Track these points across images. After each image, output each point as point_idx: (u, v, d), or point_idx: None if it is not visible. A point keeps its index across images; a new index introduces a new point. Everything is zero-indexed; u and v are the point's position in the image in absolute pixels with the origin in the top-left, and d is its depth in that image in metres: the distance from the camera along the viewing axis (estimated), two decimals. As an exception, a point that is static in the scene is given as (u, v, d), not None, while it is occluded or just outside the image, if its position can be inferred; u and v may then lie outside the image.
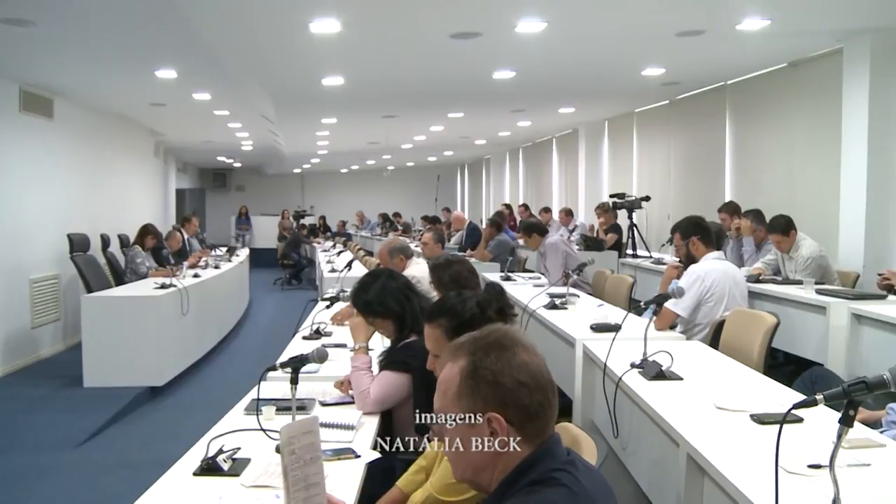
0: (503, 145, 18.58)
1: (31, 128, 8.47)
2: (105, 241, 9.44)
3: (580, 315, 5.23)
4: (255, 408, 2.88)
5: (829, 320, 5.23)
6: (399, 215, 20.10)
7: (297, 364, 2.73)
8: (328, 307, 5.55)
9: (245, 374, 3.96)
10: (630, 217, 10.07)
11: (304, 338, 4.73)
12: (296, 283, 16.58)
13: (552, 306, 5.58)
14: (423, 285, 4.57)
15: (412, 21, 6.22)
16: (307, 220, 21.69)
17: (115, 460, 5.22)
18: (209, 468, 2.41)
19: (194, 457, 2.51)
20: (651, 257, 9.36)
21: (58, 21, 5.85)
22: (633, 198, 10.27)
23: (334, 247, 15.33)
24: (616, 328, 4.12)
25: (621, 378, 3.41)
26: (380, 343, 3.76)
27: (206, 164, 23.47)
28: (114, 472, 5.00)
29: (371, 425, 2.98)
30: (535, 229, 7.93)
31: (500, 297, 2.87)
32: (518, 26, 6.24)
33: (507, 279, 7.67)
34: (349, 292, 4.39)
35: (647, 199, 10.17)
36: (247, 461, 2.50)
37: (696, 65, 8.29)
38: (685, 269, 5.12)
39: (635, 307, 4.72)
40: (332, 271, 8.98)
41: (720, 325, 4.62)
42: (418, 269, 5.70)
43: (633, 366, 3.51)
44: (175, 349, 7.33)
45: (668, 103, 10.89)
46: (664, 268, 6.65)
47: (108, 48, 6.90)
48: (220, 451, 2.46)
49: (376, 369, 3.31)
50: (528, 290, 6.48)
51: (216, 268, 9.73)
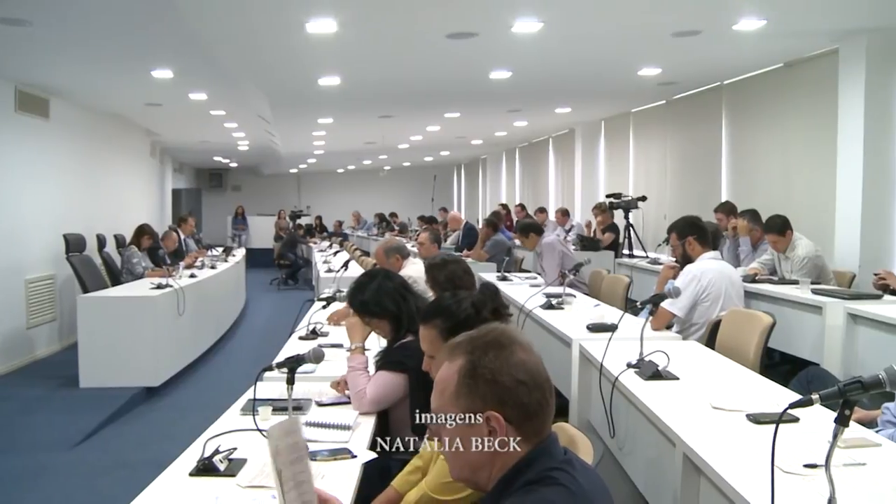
0: (500, 145, 18.58)
1: (27, 128, 8.45)
2: (101, 242, 9.43)
3: (577, 315, 5.23)
4: (252, 408, 2.87)
5: (825, 320, 5.23)
6: (395, 215, 20.10)
7: (293, 364, 2.73)
8: (324, 307, 5.55)
9: (241, 374, 3.96)
10: (626, 217, 10.09)
11: (301, 338, 4.73)
12: (292, 284, 16.57)
13: (549, 306, 5.59)
14: (420, 285, 4.56)
15: (408, 21, 6.22)
16: (303, 221, 21.69)
17: (112, 461, 5.22)
18: (205, 468, 2.41)
19: (190, 457, 2.51)
20: (647, 257, 9.37)
21: (54, 21, 5.84)
22: (630, 198, 10.29)
23: (331, 247, 15.33)
24: (612, 328, 4.12)
25: (618, 378, 3.42)
26: (376, 343, 3.75)
27: (202, 164, 23.45)
28: (110, 472, 4.99)
29: (367, 425, 2.98)
30: (532, 229, 7.93)
31: (495, 297, 2.87)
32: (514, 26, 6.24)
33: (504, 279, 7.68)
34: (346, 292, 4.39)
35: (643, 199, 10.18)
36: (243, 461, 2.50)
37: (693, 65, 8.30)
38: (681, 269, 5.13)
39: (632, 307, 4.72)
40: (329, 271, 8.99)
41: (716, 325, 4.62)
42: (415, 269, 5.70)
43: (630, 366, 3.51)
44: (171, 349, 7.32)
45: (664, 103, 10.90)
46: (660, 268, 6.66)
47: (104, 48, 6.89)
48: (216, 452, 2.46)
49: (373, 369, 3.31)
50: (524, 290, 6.49)
51: (212, 268, 9.72)
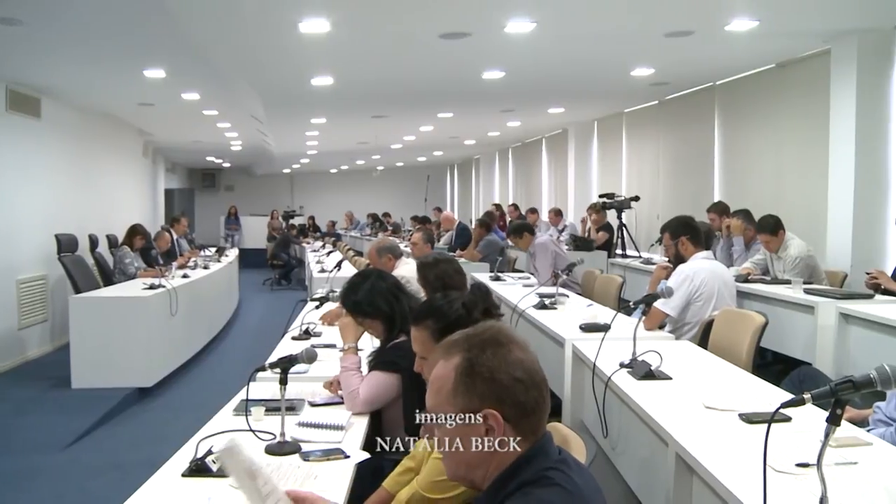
0: (493, 145, 18.59)
1: (18, 127, 8.42)
2: (93, 242, 9.40)
3: (569, 315, 5.23)
4: (245, 408, 2.87)
5: (817, 320, 5.25)
6: (389, 215, 20.09)
7: (286, 364, 2.72)
8: (317, 307, 5.54)
9: (234, 374, 3.95)
10: (619, 217, 10.10)
11: (294, 338, 4.72)
12: (285, 284, 16.55)
13: (542, 306, 5.58)
14: (413, 285, 4.56)
15: (401, 21, 6.22)
16: (296, 221, 21.66)
17: (104, 462, 5.19)
18: (198, 469, 2.40)
19: (183, 458, 2.50)
20: (640, 257, 9.39)
21: (45, 20, 5.82)
22: (623, 198, 10.30)
23: (324, 247, 15.30)
24: (605, 328, 4.12)
25: (610, 378, 3.42)
26: (369, 343, 3.75)
27: (195, 164, 23.40)
28: (102, 473, 4.97)
29: (360, 426, 2.97)
30: (524, 229, 7.95)
31: (486, 297, 2.87)
32: (507, 26, 6.24)
33: (497, 279, 7.68)
34: (338, 293, 4.38)
35: (636, 199, 10.20)
36: (236, 462, 2.49)
37: (685, 65, 8.32)
38: (674, 270, 5.14)
39: (624, 307, 4.73)
40: (322, 271, 8.97)
41: (709, 325, 4.63)
42: (407, 269, 5.68)
43: (623, 365, 3.52)
44: (164, 350, 7.31)
45: (657, 104, 10.92)
46: (653, 268, 6.67)
47: (97, 47, 6.87)
48: (208, 452, 2.45)
49: (366, 370, 3.31)
50: (517, 290, 6.49)
51: (205, 268, 9.71)
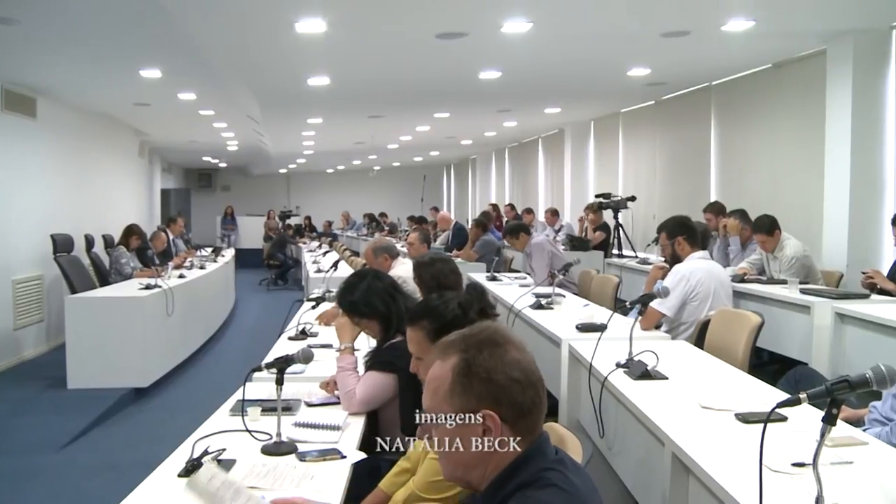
0: (489, 145, 18.59)
1: (14, 127, 8.40)
2: (89, 242, 9.39)
3: (566, 315, 5.24)
4: (241, 409, 2.86)
5: (814, 319, 5.26)
6: (385, 215, 20.09)
7: (282, 365, 2.72)
8: (314, 307, 5.53)
9: (230, 374, 3.95)
10: (616, 217, 10.11)
11: (290, 338, 4.72)
12: (282, 284, 16.53)
13: (538, 306, 5.59)
14: (409, 285, 4.55)
15: (398, 21, 6.21)
16: (293, 221, 21.64)
17: (100, 462, 5.19)
18: (194, 469, 2.39)
19: (179, 458, 2.50)
20: (636, 257, 9.40)
21: (41, 19, 5.81)
22: (619, 198, 10.32)
23: (320, 247, 15.30)
24: (602, 328, 4.13)
25: (607, 378, 3.42)
26: (366, 343, 3.75)
27: (191, 164, 23.37)
28: (98, 474, 4.97)
29: (357, 426, 2.97)
30: (521, 230, 7.96)
31: (482, 297, 2.87)
32: (504, 26, 6.24)
33: (493, 279, 7.68)
34: (335, 293, 4.38)
35: (632, 199, 10.21)
36: (232, 462, 2.49)
37: (682, 65, 8.33)
38: (670, 270, 5.15)
39: (621, 307, 4.73)
40: (318, 272, 8.97)
41: (705, 325, 4.63)
42: (404, 269, 5.69)
43: (619, 365, 3.52)
44: (160, 350, 7.29)
45: (653, 104, 10.93)
46: (649, 268, 6.68)
47: (93, 47, 6.85)
48: (205, 453, 2.45)
49: (362, 370, 3.31)
50: (514, 290, 6.50)
51: (201, 268, 9.70)
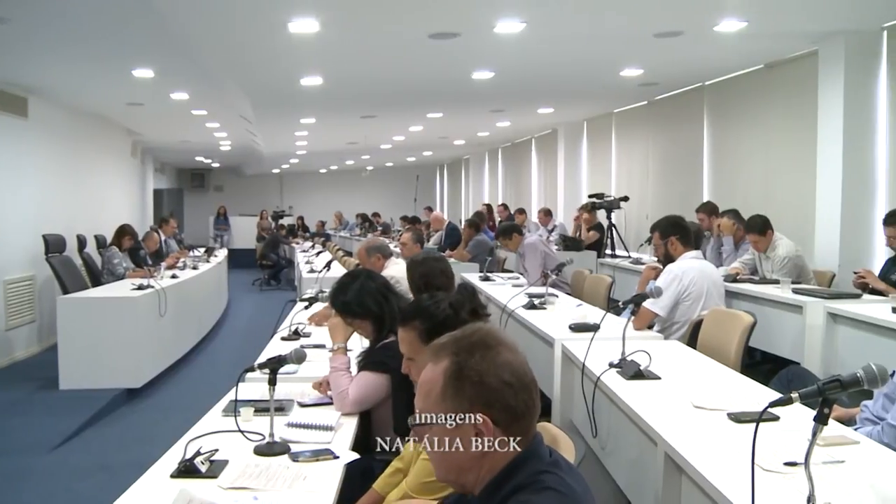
0: (482, 145, 18.60)
1: (5, 127, 8.35)
2: (81, 242, 9.35)
3: (559, 315, 5.24)
4: (233, 409, 2.86)
5: (806, 319, 5.28)
6: (378, 215, 20.08)
7: (275, 365, 2.71)
8: (307, 308, 5.53)
9: (223, 375, 3.94)
10: (609, 217, 10.12)
11: (283, 338, 4.71)
12: (274, 284, 16.51)
13: (531, 306, 5.59)
14: (402, 285, 4.56)
15: (391, 21, 6.21)
16: (286, 221, 21.62)
17: (92, 463, 5.17)
18: (186, 470, 2.39)
19: (172, 459, 2.49)
20: (629, 257, 9.41)
21: (32, 18, 5.78)
22: (612, 198, 10.33)
23: (313, 247, 15.28)
24: (594, 328, 4.13)
25: (600, 378, 3.42)
26: (358, 344, 3.75)
27: (184, 164, 23.32)
28: (90, 475, 4.95)
29: (350, 426, 2.97)
30: (513, 230, 7.96)
31: (473, 297, 2.87)
32: (497, 27, 6.25)
33: (487, 279, 7.68)
34: (328, 293, 4.38)
35: (625, 199, 10.22)
36: (224, 463, 2.48)
37: (674, 66, 8.34)
38: (663, 270, 5.15)
39: (614, 307, 4.74)
40: (311, 272, 8.95)
41: (698, 325, 4.64)
42: (397, 270, 5.68)
43: (612, 365, 3.53)
44: (152, 350, 7.28)
45: (646, 104, 10.95)
46: (642, 268, 6.69)
47: (85, 46, 6.83)
48: (197, 453, 2.44)
49: (355, 370, 3.31)
50: (506, 291, 6.49)
51: (194, 268, 9.68)
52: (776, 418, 2.63)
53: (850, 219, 6.64)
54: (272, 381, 2.68)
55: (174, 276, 8.50)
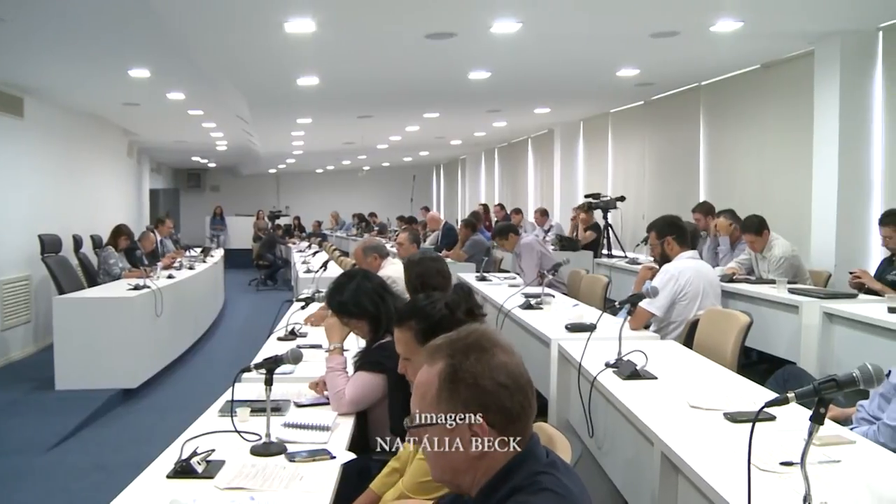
0: (479, 145, 18.60)
1: (1, 127, 8.32)
2: (77, 242, 9.34)
3: (555, 315, 5.24)
4: (230, 409, 2.86)
5: (802, 319, 5.29)
6: (375, 215, 20.07)
7: (271, 365, 2.71)
8: (303, 308, 5.52)
9: (220, 375, 3.94)
10: (605, 217, 10.13)
11: (280, 339, 4.70)
12: (271, 284, 16.49)
13: (527, 306, 5.59)
14: (399, 285, 4.55)
15: (387, 21, 6.21)
16: (282, 221, 21.60)
17: (88, 463, 5.16)
18: (183, 470, 2.39)
19: (168, 459, 2.49)
20: (626, 257, 9.42)
21: (28, 18, 5.77)
22: (609, 198, 10.33)
23: (309, 247, 15.27)
24: (591, 328, 4.14)
25: (596, 377, 3.43)
26: (355, 344, 3.75)
27: (180, 164, 23.28)
28: (86, 475, 4.94)
29: (346, 426, 2.97)
30: (510, 231, 7.97)
31: (469, 297, 2.87)
32: (493, 27, 6.25)
33: (483, 279, 7.69)
34: (324, 293, 4.37)
35: (622, 199, 10.22)
36: (221, 463, 2.48)
37: (671, 66, 8.35)
38: (659, 269, 5.16)
39: (610, 307, 4.74)
40: (308, 272, 8.95)
41: (694, 325, 4.65)
42: (393, 270, 5.68)
43: (608, 365, 3.53)
44: (149, 351, 7.27)
45: (642, 104, 10.95)
46: (639, 268, 6.70)
47: (81, 46, 6.81)
48: (193, 454, 2.44)
49: (351, 370, 3.30)
50: (503, 290, 6.50)
51: (190, 269, 9.67)
52: (772, 418, 2.63)
53: (846, 219, 6.65)
54: (269, 382, 2.68)
55: (170, 277, 8.49)
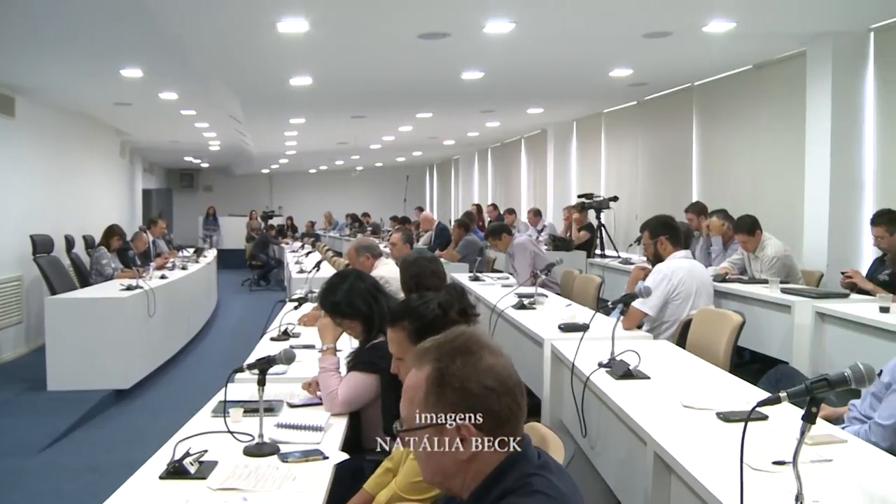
0: (472, 146, 18.61)
1: (-7, 127, 8.33)
2: (69, 243, 9.31)
3: (548, 315, 5.24)
4: (223, 410, 2.85)
5: (794, 319, 5.30)
6: (368, 215, 20.07)
7: (264, 366, 2.71)
8: (296, 308, 5.51)
9: (212, 376, 3.92)
10: (598, 217, 10.14)
11: (273, 339, 4.69)
12: (264, 284, 16.46)
13: (521, 306, 5.59)
14: (392, 286, 4.56)
15: (380, 21, 6.21)
16: (275, 221, 21.57)
17: (81, 464, 5.15)
18: (175, 471, 2.38)
19: (160, 460, 2.48)
20: (619, 257, 9.43)
21: (18, 17, 5.74)
22: (602, 198, 10.35)
23: (303, 247, 15.25)
24: (584, 328, 4.14)
25: (589, 377, 3.43)
26: (348, 344, 3.74)
27: (173, 164, 23.25)
28: (79, 476, 4.93)
29: (339, 426, 2.96)
30: (503, 231, 7.97)
31: (462, 297, 2.87)
32: (486, 27, 6.25)
33: (476, 279, 7.68)
34: (317, 293, 4.37)
35: (615, 199, 10.25)
36: (214, 464, 2.48)
37: (664, 66, 8.37)
38: (652, 270, 5.17)
39: (603, 307, 4.75)
40: (301, 272, 8.94)
41: (687, 324, 4.66)
42: (386, 270, 5.68)
43: (601, 365, 3.53)
44: (141, 351, 7.25)
45: (635, 104, 10.98)
46: (632, 268, 6.71)
47: (72, 46, 6.78)
48: (186, 454, 2.43)
49: (344, 370, 3.30)
50: (496, 291, 6.50)
51: (183, 269, 9.65)
52: (765, 417, 2.64)
53: (837, 219, 6.68)
54: (261, 382, 2.67)
55: (163, 277, 8.46)
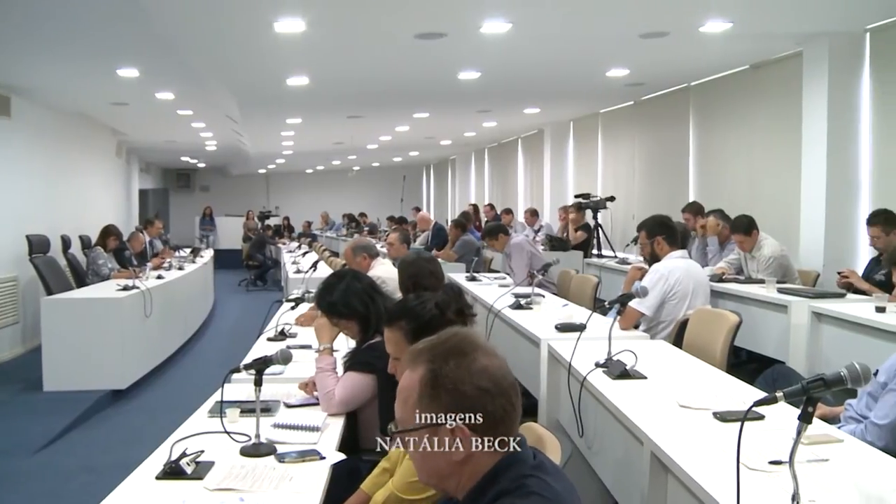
0: (469, 146, 18.61)
1: (-12, 127, 8.31)
2: (66, 243, 9.30)
3: (545, 315, 5.24)
4: (219, 410, 2.85)
5: (791, 319, 5.31)
6: (365, 215, 20.06)
7: (261, 366, 2.70)
8: (293, 308, 5.51)
9: (209, 376, 3.91)
10: (595, 217, 10.14)
11: (269, 339, 4.69)
12: (261, 285, 16.46)
13: (517, 306, 5.59)
14: (388, 286, 4.55)
15: (377, 21, 6.21)
16: (272, 221, 21.55)
17: (77, 465, 5.14)
18: (172, 472, 2.38)
19: (157, 460, 2.48)
20: (616, 257, 9.43)
21: (15, 16, 5.73)
22: (598, 198, 10.35)
23: (299, 248, 15.24)
24: (581, 328, 4.14)
25: (586, 377, 3.43)
26: (344, 344, 3.74)
27: (169, 164, 23.21)
28: (75, 477, 4.92)
29: (336, 427, 2.96)
30: (499, 231, 7.98)
31: (459, 297, 2.88)
32: (483, 27, 6.25)
33: (473, 279, 7.68)
34: (314, 293, 4.36)
35: (611, 199, 10.25)
36: (210, 464, 2.47)
37: (660, 66, 8.37)
38: (649, 269, 5.17)
39: (600, 307, 4.75)
40: (298, 272, 8.93)
41: (683, 324, 4.66)
42: (383, 270, 5.68)
43: (598, 365, 3.53)
44: (138, 351, 7.24)
45: (632, 104, 10.98)
46: (628, 268, 6.71)
47: (69, 45, 6.78)
48: (183, 455, 2.43)
49: (341, 370, 3.30)
50: (493, 291, 6.50)
51: (180, 269, 9.63)
52: (761, 417, 2.64)
53: (834, 219, 6.69)
54: (258, 382, 2.67)
55: (160, 277, 8.46)
